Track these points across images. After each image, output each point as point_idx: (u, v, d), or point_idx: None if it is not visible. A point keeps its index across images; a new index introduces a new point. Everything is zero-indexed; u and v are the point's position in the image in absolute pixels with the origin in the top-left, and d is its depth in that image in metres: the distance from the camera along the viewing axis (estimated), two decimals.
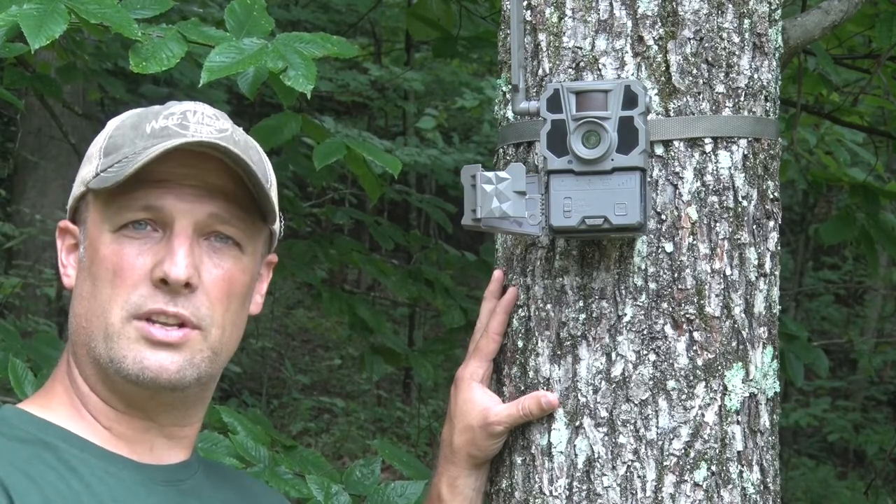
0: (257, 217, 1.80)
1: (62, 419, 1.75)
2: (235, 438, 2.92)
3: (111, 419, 1.76)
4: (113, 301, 1.72)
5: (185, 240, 1.73)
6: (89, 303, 1.75)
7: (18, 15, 2.60)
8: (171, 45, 2.72)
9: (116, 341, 1.72)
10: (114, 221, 1.74)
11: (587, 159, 1.88)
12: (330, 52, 2.79)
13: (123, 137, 1.78)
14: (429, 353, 4.85)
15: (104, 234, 1.74)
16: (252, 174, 1.75)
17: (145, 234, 1.73)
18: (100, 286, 1.73)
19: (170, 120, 1.77)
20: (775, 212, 2.05)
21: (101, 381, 1.76)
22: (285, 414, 10.27)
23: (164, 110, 1.79)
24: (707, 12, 1.99)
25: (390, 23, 10.09)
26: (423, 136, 11.04)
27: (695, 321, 1.96)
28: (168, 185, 1.73)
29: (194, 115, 1.78)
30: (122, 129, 1.80)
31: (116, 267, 1.72)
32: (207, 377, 1.78)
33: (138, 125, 1.78)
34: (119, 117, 1.84)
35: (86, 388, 1.77)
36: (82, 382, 1.77)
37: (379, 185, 3.84)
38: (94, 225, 1.77)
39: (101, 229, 1.75)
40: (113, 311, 1.72)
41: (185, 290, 1.72)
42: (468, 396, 2.03)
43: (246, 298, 1.82)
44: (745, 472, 1.98)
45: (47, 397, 1.80)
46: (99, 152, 1.79)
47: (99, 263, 1.74)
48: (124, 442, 1.77)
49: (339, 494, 2.84)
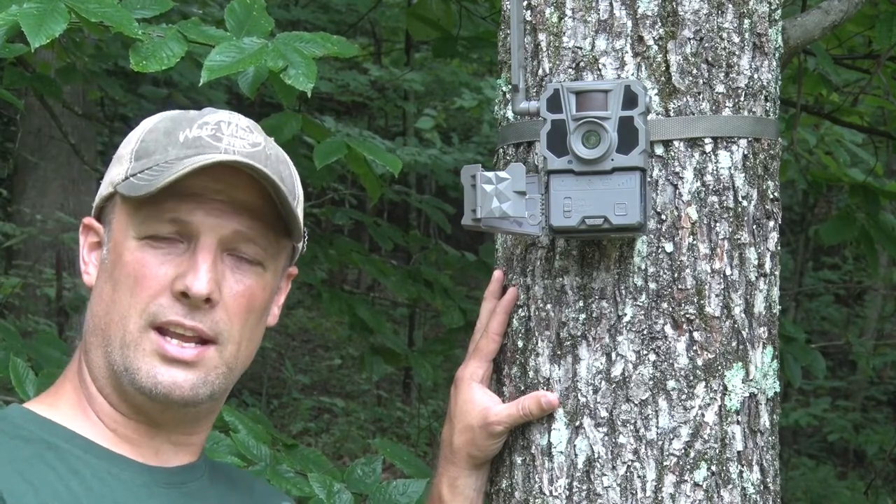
0: (282, 234, 1.79)
1: (67, 419, 1.75)
2: (237, 437, 2.91)
3: (117, 422, 1.76)
4: (132, 308, 1.72)
5: (209, 254, 1.72)
6: (108, 306, 1.74)
7: (18, 14, 2.60)
8: (171, 45, 2.72)
9: (133, 350, 1.72)
10: (140, 229, 1.73)
11: (587, 159, 1.88)
12: (330, 51, 2.79)
13: (156, 143, 1.76)
14: (428, 353, 4.85)
15: (129, 240, 1.74)
16: (280, 193, 1.74)
17: (170, 245, 1.73)
18: (120, 291, 1.73)
19: (203, 130, 1.76)
20: (775, 212, 2.05)
21: (113, 385, 1.75)
22: (285, 414, 10.27)
23: (199, 118, 1.78)
24: (707, 12, 1.99)
25: (390, 23, 10.10)
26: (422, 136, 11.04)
27: (695, 321, 1.96)
28: (198, 199, 1.72)
29: (228, 127, 1.77)
30: (154, 133, 1.78)
31: (138, 275, 1.72)
32: (221, 392, 1.78)
33: (172, 132, 1.77)
34: (153, 119, 1.82)
35: (94, 389, 1.77)
36: (91, 383, 1.77)
37: (379, 185, 3.83)
38: (120, 228, 1.76)
39: (127, 234, 1.74)
40: (131, 319, 1.72)
41: (206, 304, 1.72)
42: (468, 397, 2.03)
43: (264, 313, 1.82)
44: (745, 472, 1.98)
45: (56, 395, 1.80)
46: (130, 155, 1.77)
47: (121, 268, 1.73)
48: (129, 444, 1.76)
49: (340, 493, 2.83)
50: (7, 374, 2.95)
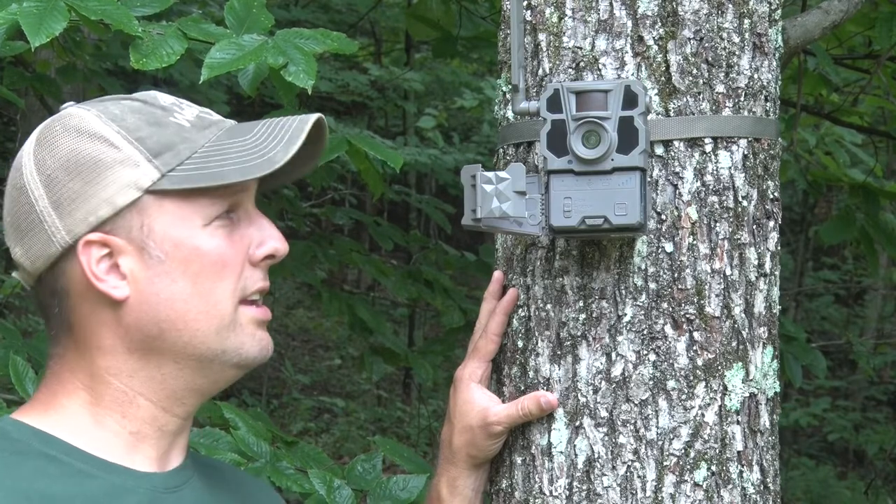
0: None
1: (66, 432, 1.71)
2: (237, 434, 2.91)
3: (146, 421, 1.74)
4: (224, 291, 1.73)
5: (260, 214, 1.78)
6: (189, 303, 1.71)
7: (18, 13, 2.60)
8: (171, 42, 2.72)
9: (233, 330, 1.74)
10: (205, 214, 1.72)
11: (587, 159, 1.88)
12: (330, 47, 2.79)
13: (162, 135, 1.72)
14: (428, 353, 4.85)
15: (196, 230, 1.71)
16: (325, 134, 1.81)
17: (227, 220, 1.75)
18: (204, 281, 1.72)
19: (188, 111, 1.76)
20: (775, 212, 2.05)
21: (183, 380, 1.73)
22: (285, 414, 10.27)
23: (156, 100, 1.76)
24: (707, 12, 1.99)
25: (390, 23, 10.10)
26: (423, 136, 11.05)
27: (695, 321, 1.96)
28: None
29: (182, 101, 1.79)
30: (142, 129, 1.72)
31: (223, 258, 1.73)
32: None
33: (160, 121, 1.73)
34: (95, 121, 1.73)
35: (129, 392, 1.73)
36: (133, 393, 1.73)
37: (381, 181, 3.83)
38: (172, 224, 1.71)
39: (190, 226, 1.71)
40: (226, 301, 1.73)
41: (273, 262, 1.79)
42: (467, 397, 2.03)
43: None
44: (745, 472, 1.98)
45: (47, 411, 1.74)
46: (140, 155, 1.70)
47: (201, 259, 1.71)
48: (136, 451, 1.73)
49: (341, 489, 2.83)
50: (7, 372, 2.95)
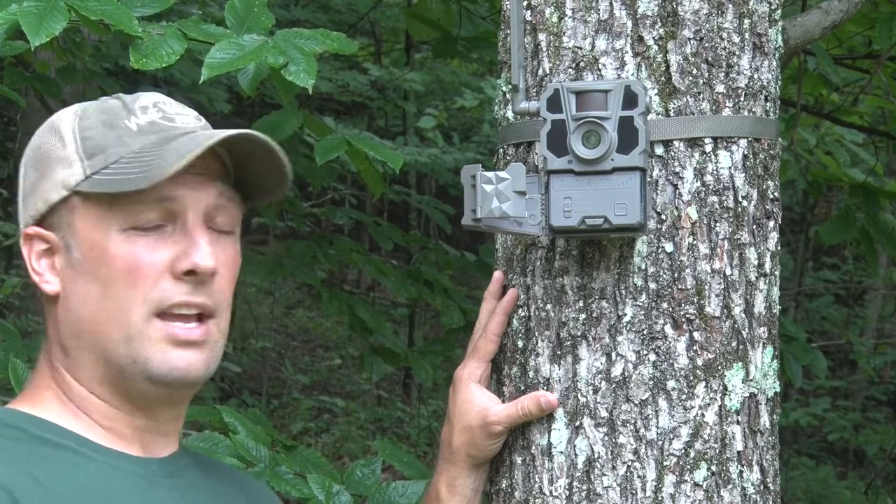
0: (239, 200, 1.79)
1: (56, 418, 1.73)
2: (236, 438, 2.91)
3: (113, 419, 1.75)
4: (132, 300, 1.70)
5: (202, 229, 1.72)
6: (98, 306, 1.72)
7: (18, 13, 2.60)
8: (171, 42, 2.72)
9: (140, 342, 1.70)
10: (124, 221, 1.71)
11: (587, 159, 1.88)
12: (330, 47, 2.79)
13: (104, 137, 1.73)
14: (428, 353, 4.85)
15: (111, 235, 1.71)
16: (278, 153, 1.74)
17: (155, 230, 1.71)
18: (113, 287, 1.70)
19: (150, 114, 1.74)
20: (775, 212, 2.05)
21: (112, 382, 1.73)
22: (285, 414, 10.27)
23: (133, 104, 1.75)
24: (707, 12, 1.99)
25: (390, 23, 10.10)
26: (423, 136, 11.05)
27: (695, 321, 1.96)
28: (174, 177, 1.70)
29: (166, 105, 1.76)
30: (92, 130, 1.74)
31: (132, 266, 1.70)
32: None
33: (114, 124, 1.73)
34: (70, 118, 1.77)
35: (83, 390, 1.75)
36: (77, 385, 1.75)
37: (381, 180, 3.83)
38: (92, 227, 1.72)
39: (106, 230, 1.71)
40: (133, 311, 1.70)
41: (210, 278, 1.72)
42: (467, 397, 2.03)
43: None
44: (745, 472, 1.98)
45: (34, 401, 1.77)
46: (77, 155, 1.73)
47: (109, 264, 1.70)
48: (122, 440, 1.75)
49: (340, 494, 2.83)
50: (7, 374, 2.95)
